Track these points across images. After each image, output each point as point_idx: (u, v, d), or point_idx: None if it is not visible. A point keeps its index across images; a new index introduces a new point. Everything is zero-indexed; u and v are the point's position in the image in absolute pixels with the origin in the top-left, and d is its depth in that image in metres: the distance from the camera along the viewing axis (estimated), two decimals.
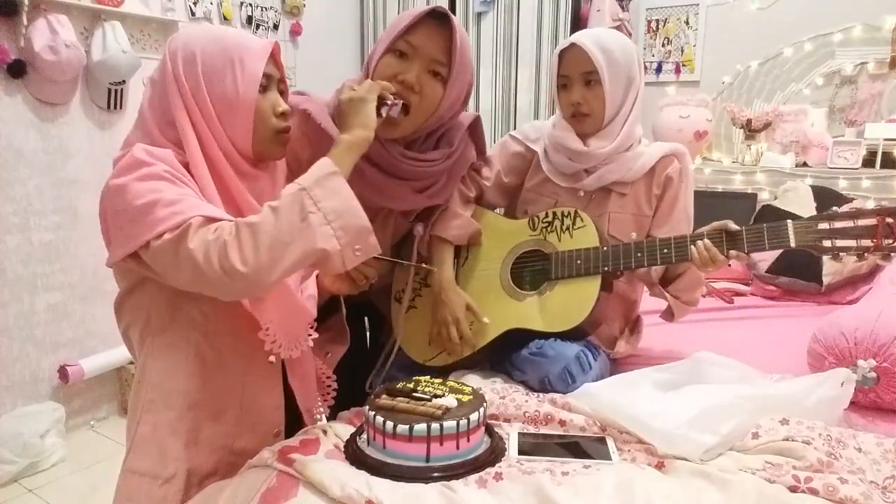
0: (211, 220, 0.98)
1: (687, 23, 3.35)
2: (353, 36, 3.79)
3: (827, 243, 1.26)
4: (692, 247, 1.32)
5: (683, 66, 3.40)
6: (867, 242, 1.24)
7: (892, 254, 1.24)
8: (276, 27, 3.34)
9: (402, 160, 1.35)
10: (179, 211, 0.97)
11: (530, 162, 1.58)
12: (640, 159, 1.48)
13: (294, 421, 1.25)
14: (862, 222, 1.25)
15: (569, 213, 1.46)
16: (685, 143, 3.10)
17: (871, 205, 2.58)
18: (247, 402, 1.16)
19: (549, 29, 3.28)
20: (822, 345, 1.45)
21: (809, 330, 1.53)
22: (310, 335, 1.19)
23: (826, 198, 2.49)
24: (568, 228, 1.45)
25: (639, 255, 1.37)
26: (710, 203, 2.98)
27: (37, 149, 2.47)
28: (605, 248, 1.39)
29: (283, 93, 1.15)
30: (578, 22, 3.29)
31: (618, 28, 3.25)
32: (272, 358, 1.15)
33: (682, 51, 3.39)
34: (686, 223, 1.52)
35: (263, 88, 1.09)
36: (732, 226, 1.33)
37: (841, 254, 1.26)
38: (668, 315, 1.52)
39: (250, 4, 3.19)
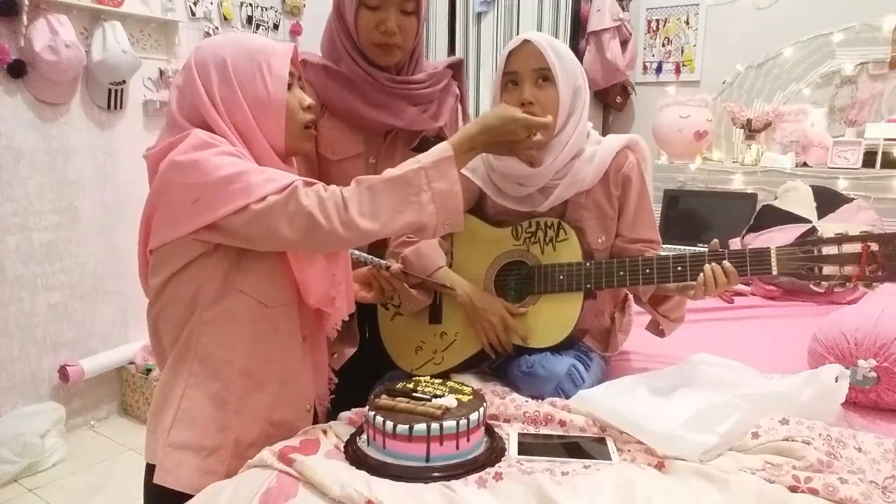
0: (310, 184, 1.08)
1: (687, 23, 3.35)
2: None
3: (810, 270, 1.25)
4: (708, 265, 1.28)
5: (683, 66, 3.40)
6: (851, 270, 1.23)
7: (875, 283, 1.24)
8: (276, 27, 3.34)
9: (395, 87, 1.48)
10: (274, 178, 1.06)
11: (477, 192, 1.52)
12: (592, 163, 1.41)
13: None
14: (846, 249, 1.24)
15: (552, 225, 1.42)
16: (685, 143, 3.12)
17: (871, 205, 2.58)
18: (287, 375, 1.20)
19: (550, 29, 3.28)
20: (822, 345, 1.45)
21: (809, 330, 1.53)
22: (336, 328, 1.30)
23: (826, 198, 2.49)
24: (551, 241, 1.42)
25: (621, 273, 1.35)
26: (710, 203, 2.98)
27: (37, 149, 2.48)
28: (587, 265, 1.37)
29: (302, 89, 1.21)
30: (578, 22, 3.29)
31: (618, 28, 3.25)
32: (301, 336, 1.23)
33: (682, 51, 3.38)
34: (651, 219, 1.49)
35: (289, 86, 1.14)
36: (717, 246, 1.30)
37: (823, 282, 1.25)
38: (658, 332, 1.50)
39: (250, 4, 3.19)
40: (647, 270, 1.34)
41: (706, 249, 1.31)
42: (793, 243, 1.29)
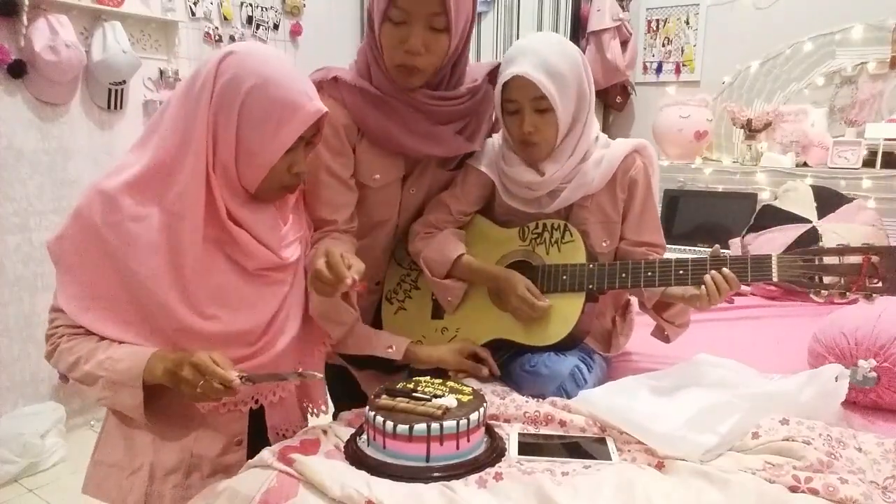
0: (59, 311, 1.12)
1: (687, 23, 3.35)
2: (353, 36, 3.79)
3: (810, 279, 1.25)
4: (707, 275, 1.27)
5: (683, 66, 3.40)
6: (851, 280, 1.22)
7: (875, 294, 1.22)
8: (276, 27, 3.33)
9: (431, 103, 1.35)
10: (60, 292, 1.11)
11: (492, 187, 1.51)
12: (600, 167, 1.40)
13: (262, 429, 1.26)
14: (847, 260, 1.23)
15: (558, 227, 1.43)
16: (686, 143, 3.12)
17: (871, 205, 2.58)
18: (209, 412, 1.18)
19: (549, 29, 3.28)
20: (822, 345, 1.45)
21: (809, 330, 1.53)
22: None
23: (826, 198, 2.49)
24: (557, 242, 1.42)
25: (623, 276, 1.35)
26: (710, 203, 2.98)
27: (37, 149, 2.48)
28: (590, 266, 1.37)
29: (311, 144, 1.15)
30: (578, 22, 3.29)
31: (618, 28, 3.24)
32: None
33: (683, 51, 3.39)
34: (656, 222, 1.49)
35: (291, 149, 1.09)
36: (720, 251, 1.30)
37: (823, 291, 1.25)
38: (663, 337, 1.49)
39: (250, 4, 3.19)
40: (650, 273, 1.34)
41: (708, 255, 1.31)
42: (794, 252, 1.28)
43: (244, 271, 1.15)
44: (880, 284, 1.21)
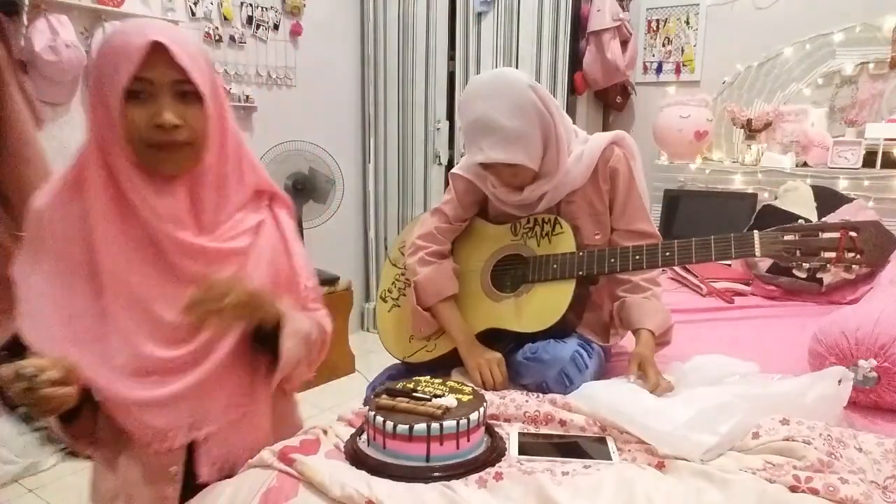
0: None
1: (687, 23, 3.35)
2: (353, 36, 3.79)
3: (792, 254, 1.31)
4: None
5: (683, 66, 3.39)
6: (830, 255, 1.28)
7: (854, 266, 1.29)
8: (276, 27, 3.34)
9: None
10: None
11: (482, 195, 1.56)
12: (581, 162, 1.44)
13: None
14: (826, 235, 1.29)
15: (549, 220, 1.47)
16: (685, 143, 3.11)
17: (871, 205, 2.58)
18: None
19: (550, 29, 3.28)
20: (822, 345, 1.45)
21: (809, 330, 1.53)
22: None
23: (826, 198, 2.49)
24: (547, 234, 1.46)
25: (612, 260, 1.39)
26: (710, 203, 2.98)
27: None
28: (580, 254, 1.41)
29: (187, 94, 1.00)
30: (578, 22, 3.29)
31: (618, 28, 3.24)
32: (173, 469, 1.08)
33: (683, 51, 3.38)
34: (643, 210, 1.51)
35: (135, 95, 0.98)
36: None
37: (804, 264, 1.31)
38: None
39: (250, 4, 3.19)
40: (637, 257, 1.38)
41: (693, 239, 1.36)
42: (775, 228, 1.34)
43: (165, 266, 1.03)
44: (858, 257, 1.27)
